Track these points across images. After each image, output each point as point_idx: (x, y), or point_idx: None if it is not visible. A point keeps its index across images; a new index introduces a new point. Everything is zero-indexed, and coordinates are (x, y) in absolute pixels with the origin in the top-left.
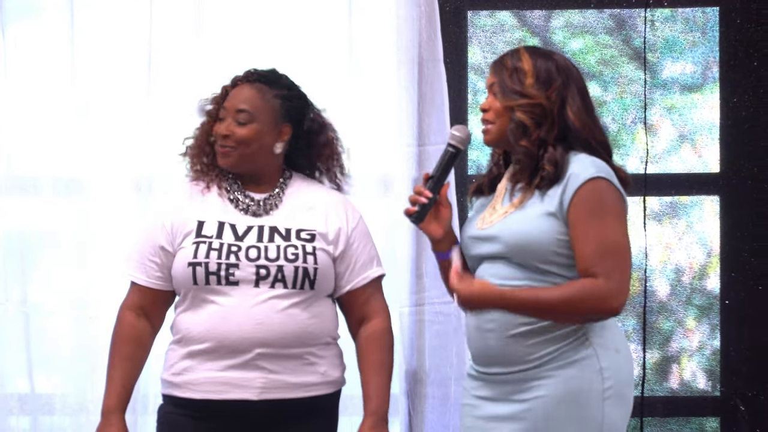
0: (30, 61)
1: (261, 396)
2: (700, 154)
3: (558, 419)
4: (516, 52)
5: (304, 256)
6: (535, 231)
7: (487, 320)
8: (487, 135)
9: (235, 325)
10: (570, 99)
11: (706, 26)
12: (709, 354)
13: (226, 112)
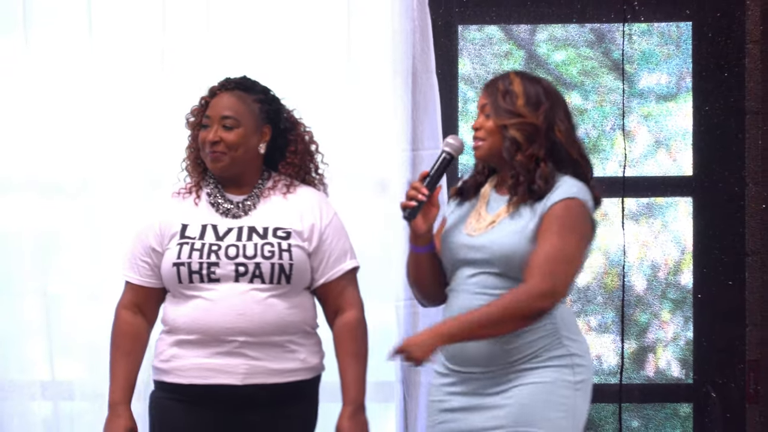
0: (50, 65)
1: (244, 381)
2: (675, 158)
3: (534, 407)
4: (506, 76)
5: (280, 253)
6: (520, 244)
7: None
8: (479, 151)
9: (218, 315)
10: (558, 120)
11: (680, 40)
12: (682, 344)
13: (210, 120)
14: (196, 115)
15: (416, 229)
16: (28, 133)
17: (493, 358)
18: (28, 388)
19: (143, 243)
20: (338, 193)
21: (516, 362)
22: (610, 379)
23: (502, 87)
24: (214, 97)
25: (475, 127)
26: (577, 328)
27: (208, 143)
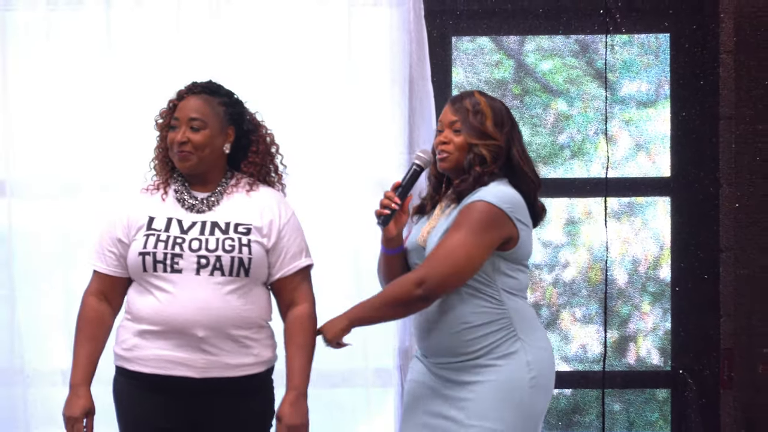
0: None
1: (202, 375)
2: (654, 160)
3: (493, 404)
4: (471, 94)
5: (240, 247)
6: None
7: (432, 320)
8: (445, 162)
9: (179, 308)
10: (515, 141)
11: (658, 50)
12: (661, 334)
13: (179, 122)
14: (164, 117)
15: (388, 234)
16: (50, 137)
17: (455, 349)
18: (50, 376)
19: (111, 234)
20: (339, 192)
21: (474, 355)
22: (594, 366)
23: (470, 106)
24: (181, 100)
25: (444, 141)
26: (534, 324)
27: (177, 143)
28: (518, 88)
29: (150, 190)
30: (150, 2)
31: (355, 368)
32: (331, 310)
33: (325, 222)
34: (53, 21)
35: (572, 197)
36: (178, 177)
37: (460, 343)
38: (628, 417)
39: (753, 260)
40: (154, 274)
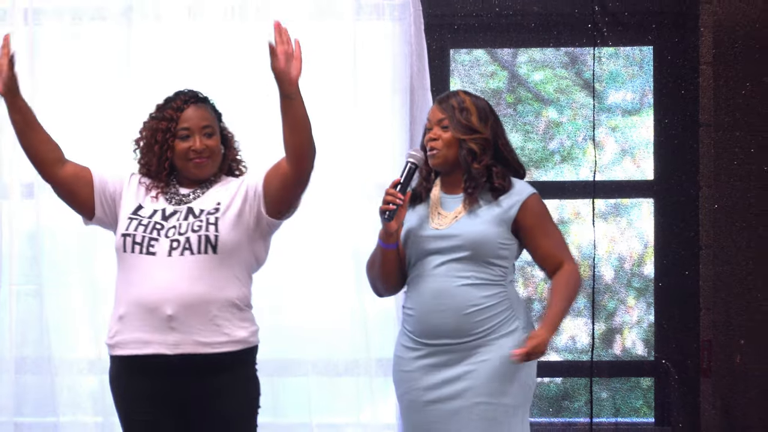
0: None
1: (174, 351)
2: (638, 164)
3: (497, 377)
4: (456, 94)
5: (207, 226)
6: (490, 231)
7: (440, 303)
8: (436, 159)
9: (150, 288)
10: (500, 133)
11: (642, 62)
12: (645, 326)
13: (190, 131)
14: (166, 131)
15: (390, 229)
16: (75, 142)
17: (462, 331)
18: (76, 365)
19: (118, 176)
20: (344, 193)
21: (479, 334)
22: (583, 356)
23: (456, 104)
24: (182, 112)
25: (433, 137)
26: (524, 304)
27: (195, 151)
28: (511, 97)
29: (147, 185)
30: (168, 17)
31: (359, 359)
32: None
33: (329, 222)
34: (78, 34)
35: (562, 199)
36: (172, 180)
37: (469, 325)
38: (614, 404)
39: (731, 257)
40: (131, 254)
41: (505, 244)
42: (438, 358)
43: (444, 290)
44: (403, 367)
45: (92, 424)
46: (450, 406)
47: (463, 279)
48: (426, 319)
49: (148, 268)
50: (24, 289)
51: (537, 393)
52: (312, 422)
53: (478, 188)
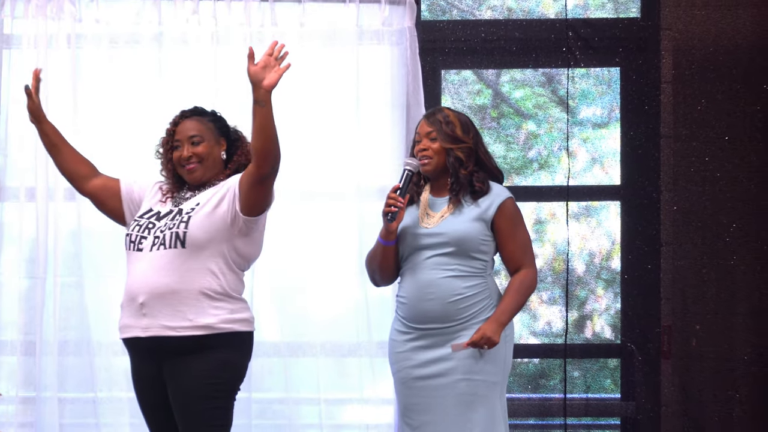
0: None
1: (145, 333)
2: (607, 171)
3: (477, 357)
4: (441, 110)
5: (179, 224)
6: (471, 229)
7: (428, 293)
8: (428, 166)
9: (132, 279)
10: (480, 143)
11: (610, 81)
12: (612, 313)
13: (180, 142)
14: (166, 143)
15: (391, 228)
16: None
17: (447, 317)
18: (112, 347)
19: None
20: (348, 196)
21: (462, 320)
22: (557, 340)
23: (442, 118)
24: (177, 125)
25: (424, 148)
26: (500, 296)
27: (183, 159)
28: (495, 112)
29: (163, 190)
30: (194, 42)
31: (361, 342)
32: (338, 297)
33: (335, 221)
34: (114, 57)
35: (539, 201)
36: (185, 185)
37: (453, 311)
38: (585, 382)
39: (688, 253)
40: (128, 251)
41: (484, 240)
42: (426, 341)
43: (431, 281)
44: (396, 349)
45: (126, 399)
46: (436, 383)
47: (448, 271)
48: (416, 306)
49: (135, 262)
50: (67, 280)
51: (517, 372)
52: (320, 397)
53: (462, 190)
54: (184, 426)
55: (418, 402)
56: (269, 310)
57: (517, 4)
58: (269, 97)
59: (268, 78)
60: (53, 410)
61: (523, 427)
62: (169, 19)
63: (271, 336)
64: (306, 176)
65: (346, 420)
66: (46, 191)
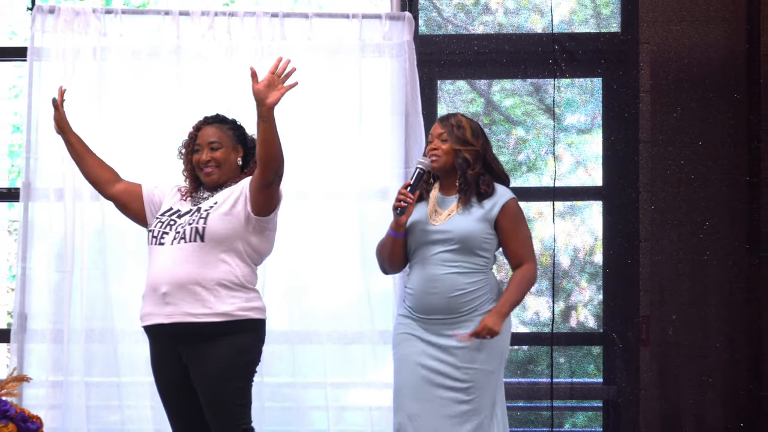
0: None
1: (168, 320)
2: (590, 173)
3: (476, 347)
4: (455, 115)
5: (198, 219)
6: (475, 228)
7: (432, 287)
8: (437, 164)
9: (155, 271)
10: (488, 148)
11: (593, 90)
12: (595, 304)
13: (201, 146)
14: (188, 146)
15: (401, 221)
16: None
17: (449, 309)
18: (134, 335)
19: (164, 187)
20: (352, 196)
21: (465, 312)
22: (545, 328)
23: (454, 122)
24: (198, 130)
25: (434, 148)
26: (500, 290)
27: (203, 162)
28: (487, 119)
29: (182, 192)
30: (210, 55)
31: (365, 330)
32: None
33: (340, 220)
34: (137, 69)
35: (528, 201)
36: (201, 187)
37: (456, 305)
38: (570, 367)
39: (664, 249)
40: (151, 246)
41: (487, 239)
42: (429, 330)
43: (436, 276)
44: (400, 331)
45: (147, 383)
46: (433, 366)
47: (452, 267)
48: (422, 298)
49: (157, 255)
50: (92, 274)
51: (507, 358)
52: (326, 382)
53: (470, 191)
54: (210, 407)
55: (417, 385)
56: (280, 302)
57: (507, 20)
58: (272, 113)
59: (270, 96)
60: (80, 393)
61: (512, 409)
62: (187, 34)
63: (281, 325)
64: (312, 178)
65: (350, 402)
66: (73, 192)
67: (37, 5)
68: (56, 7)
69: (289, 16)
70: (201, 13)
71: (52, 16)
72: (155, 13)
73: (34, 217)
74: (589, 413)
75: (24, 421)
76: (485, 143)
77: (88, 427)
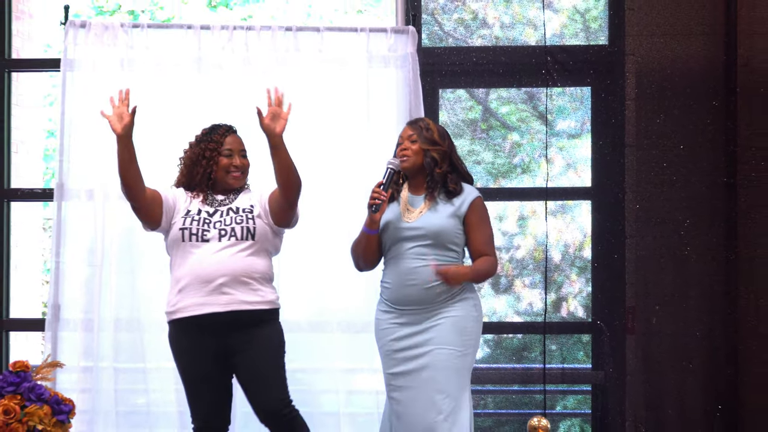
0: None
1: (225, 309)
2: (580, 175)
3: (453, 332)
4: (422, 119)
5: (247, 220)
6: (447, 224)
7: (409, 279)
8: (407, 163)
9: (206, 265)
10: (454, 149)
11: (583, 98)
12: (584, 296)
13: (232, 152)
14: (213, 150)
15: (375, 218)
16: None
17: (424, 300)
18: (160, 324)
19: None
20: (358, 199)
21: (437, 303)
22: (538, 318)
23: (423, 125)
24: (226, 137)
25: (404, 148)
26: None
27: (234, 167)
28: (485, 125)
29: (190, 194)
30: (228, 66)
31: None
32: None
33: (347, 221)
34: (160, 78)
35: (523, 201)
36: (208, 189)
37: (430, 296)
38: (561, 354)
39: (648, 245)
40: (189, 243)
41: (458, 233)
42: (406, 318)
43: (412, 269)
44: (380, 326)
45: (170, 368)
46: (412, 353)
47: (426, 261)
48: (398, 291)
49: (204, 251)
50: (121, 267)
51: (503, 345)
52: (336, 367)
53: (437, 188)
54: (263, 381)
55: (399, 371)
56: (295, 295)
57: (503, 34)
58: (282, 141)
59: (278, 126)
60: (109, 378)
61: (508, 393)
62: (208, 47)
63: (296, 316)
64: (323, 179)
65: (358, 386)
66: (103, 193)
67: (70, 20)
68: (87, 21)
69: (302, 30)
70: (221, 27)
71: (83, 30)
72: (178, 28)
73: (67, 215)
74: (578, 396)
75: (57, 404)
76: (450, 144)
77: (116, 409)
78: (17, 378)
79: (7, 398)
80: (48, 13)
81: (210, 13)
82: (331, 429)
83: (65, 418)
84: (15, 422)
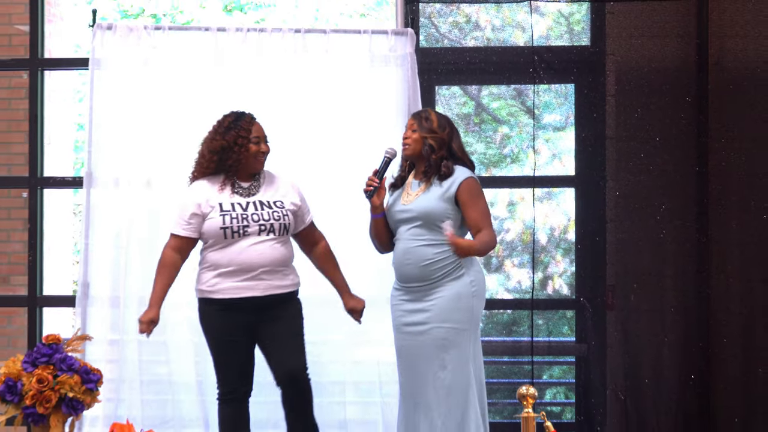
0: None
1: (264, 293)
2: (564, 165)
3: (449, 309)
4: (426, 110)
5: (283, 216)
6: (435, 205)
7: (407, 257)
8: (407, 151)
9: (247, 255)
10: (454, 137)
11: (567, 94)
12: (569, 275)
13: (259, 139)
14: (244, 137)
15: (373, 203)
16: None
17: (422, 277)
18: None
19: (188, 210)
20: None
21: (434, 279)
22: (526, 295)
23: (423, 116)
24: (252, 125)
25: (406, 137)
26: (471, 258)
27: (262, 153)
28: (477, 119)
29: (212, 181)
30: (243, 64)
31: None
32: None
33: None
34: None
35: (512, 188)
36: (233, 176)
37: (427, 272)
38: (548, 328)
39: (627, 228)
40: (231, 239)
41: (449, 215)
42: (410, 296)
43: (409, 249)
44: (392, 302)
45: (190, 341)
46: (415, 329)
47: (421, 240)
48: (400, 269)
49: (246, 243)
50: (144, 248)
51: (494, 320)
52: (342, 340)
53: (432, 173)
54: (293, 343)
55: (404, 344)
56: (305, 274)
57: (494, 35)
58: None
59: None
60: (134, 350)
61: (498, 364)
62: (223, 47)
63: (306, 292)
64: (328, 171)
65: (362, 357)
66: (128, 181)
67: (97, 23)
68: (113, 24)
69: (310, 32)
70: (236, 29)
71: (110, 32)
72: (197, 30)
73: (95, 201)
74: (563, 367)
75: (86, 373)
76: (451, 133)
77: (140, 378)
78: (50, 350)
79: (41, 368)
80: (78, 16)
81: (226, 16)
82: (337, 396)
83: (94, 386)
84: (48, 390)
